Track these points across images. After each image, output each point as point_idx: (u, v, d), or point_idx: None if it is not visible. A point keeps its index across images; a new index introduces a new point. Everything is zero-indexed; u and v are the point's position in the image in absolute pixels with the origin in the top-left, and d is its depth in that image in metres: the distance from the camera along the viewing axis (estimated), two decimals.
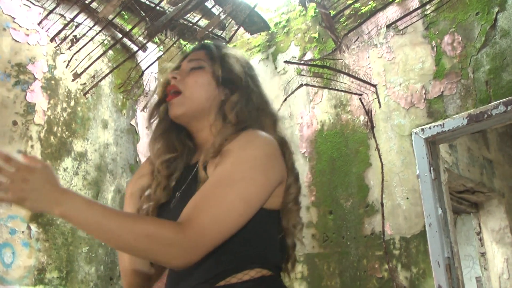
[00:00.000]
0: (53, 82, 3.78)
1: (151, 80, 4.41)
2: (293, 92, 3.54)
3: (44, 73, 3.73)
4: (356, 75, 3.75)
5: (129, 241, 1.22)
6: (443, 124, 3.50)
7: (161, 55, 4.24)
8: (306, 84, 3.48)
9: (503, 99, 3.26)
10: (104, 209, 1.25)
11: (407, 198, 3.60)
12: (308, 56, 4.35)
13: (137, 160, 4.22)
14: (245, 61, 1.64)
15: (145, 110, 4.21)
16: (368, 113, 3.58)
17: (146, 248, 1.23)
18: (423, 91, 3.67)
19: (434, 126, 3.55)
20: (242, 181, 1.31)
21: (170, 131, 1.60)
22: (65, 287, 3.49)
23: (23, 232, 3.35)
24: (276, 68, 4.61)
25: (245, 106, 1.51)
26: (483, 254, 5.20)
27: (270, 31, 4.75)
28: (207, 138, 1.54)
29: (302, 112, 4.29)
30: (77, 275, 3.58)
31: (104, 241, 1.31)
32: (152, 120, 1.64)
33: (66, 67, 3.84)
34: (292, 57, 4.38)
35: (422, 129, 3.59)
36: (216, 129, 1.51)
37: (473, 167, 4.79)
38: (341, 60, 3.94)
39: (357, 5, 4.04)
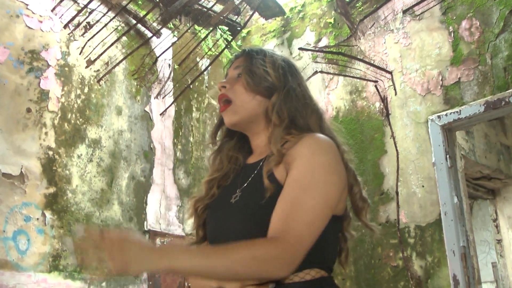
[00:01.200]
0: (66, 69, 3.77)
1: (165, 67, 4.39)
2: (308, 79, 3.50)
3: (58, 60, 3.72)
4: (372, 62, 3.70)
5: (237, 270, 1.28)
6: (460, 111, 3.45)
7: (176, 41, 4.21)
8: (321, 71, 3.44)
9: None
10: (202, 251, 1.35)
11: (423, 186, 3.56)
12: (324, 41, 4.30)
13: (151, 146, 4.22)
14: (282, 62, 1.64)
15: (159, 97, 4.20)
16: (383, 100, 3.54)
17: (253, 271, 1.29)
18: (440, 78, 3.61)
19: (450, 113, 3.49)
20: (323, 185, 1.37)
21: (224, 147, 1.69)
22: (80, 274, 3.51)
23: (37, 219, 3.36)
24: (291, 53, 4.56)
25: (284, 105, 1.54)
26: (499, 241, 5.15)
27: (285, 16, 4.70)
28: (262, 140, 1.60)
29: (317, 98, 4.23)
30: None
31: (215, 279, 1.36)
32: (216, 139, 1.72)
33: (80, 53, 3.83)
34: (307, 43, 4.33)
35: (439, 116, 3.54)
36: (267, 132, 1.58)
37: (490, 153, 4.73)
38: (357, 46, 3.89)
39: None
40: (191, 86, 4.30)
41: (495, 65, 3.37)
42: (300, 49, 3.79)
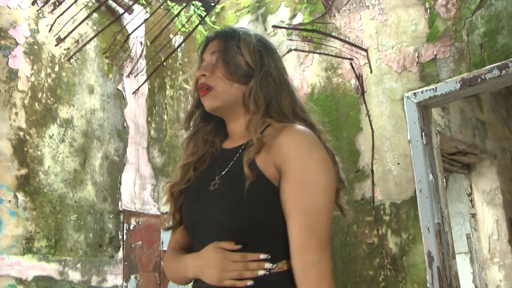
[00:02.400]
0: (36, 47, 3.67)
1: (137, 44, 4.30)
2: (282, 57, 3.44)
3: (26, 37, 3.62)
4: (347, 39, 3.65)
5: None
6: (436, 88, 3.44)
7: (148, 18, 4.12)
8: (296, 49, 3.39)
9: (498, 63, 3.19)
10: None
11: (398, 164, 3.56)
12: (299, 17, 4.24)
13: (125, 125, 4.15)
14: (258, 43, 1.62)
15: (130, 76, 4.12)
16: (358, 78, 3.51)
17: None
18: (416, 54, 3.59)
19: (426, 90, 3.48)
20: (327, 183, 1.40)
21: (200, 131, 1.68)
22: (54, 256, 3.47)
23: (9, 201, 3.30)
24: (266, 29, 4.50)
25: (260, 91, 1.55)
26: (473, 215, 5.21)
27: None
28: (241, 125, 1.61)
29: (292, 75, 4.20)
30: (66, 243, 3.55)
31: None
32: (189, 122, 1.71)
33: (49, 31, 3.73)
34: (280, 21, 4.27)
35: (414, 93, 3.53)
36: (245, 117, 1.59)
37: (466, 128, 4.75)
38: (332, 24, 3.84)
39: None
40: (164, 63, 4.22)
41: (472, 41, 3.35)
42: (274, 27, 3.72)
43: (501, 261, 4.97)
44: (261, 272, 1.36)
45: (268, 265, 1.36)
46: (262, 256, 1.37)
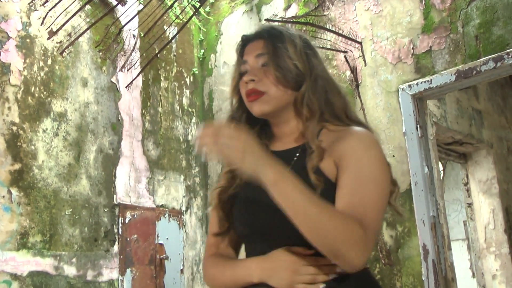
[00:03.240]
0: (28, 40, 3.63)
1: (130, 37, 4.26)
2: None
3: (19, 31, 3.59)
4: (341, 31, 3.62)
5: (327, 227, 1.23)
6: (431, 80, 3.42)
7: (142, 9, 4.08)
8: None
9: (493, 55, 3.17)
10: (308, 191, 1.27)
11: (393, 156, 3.55)
12: (293, 8, 4.20)
13: (119, 118, 4.13)
14: (303, 45, 1.58)
15: (123, 70, 4.08)
16: (353, 70, 3.48)
17: (339, 239, 1.23)
18: (411, 46, 3.56)
19: (421, 82, 3.46)
20: (381, 179, 1.37)
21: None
22: (49, 251, 3.46)
23: (3, 196, 3.29)
24: (260, 20, 4.46)
25: (313, 96, 1.52)
26: (470, 205, 5.21)
27: None
28: (291, 128, 1.57)
29: None
30: (61, 238, 3.54)
31: (300, 221, 1.27)
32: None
33: (41, 24, 3.69)
34: (273, 14, 4.23)
35: (409, 85, 3.51)
36: (296, 120, 1.56)
37: (462, 118, 4.73)
38: (325, 16, 3.81)
39: None
40: (158, 55, 4.19)
41: (467, 33, 3.32)
42: (267, 20, 3.69)
43: (497, 250, 4.98)
44: (332, 276, 1.34)
45: (339, 269, 1.33)
46: (322, 286, 1.33)
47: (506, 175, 5.24)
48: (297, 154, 1.49)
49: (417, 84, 3.47)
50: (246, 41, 1.62)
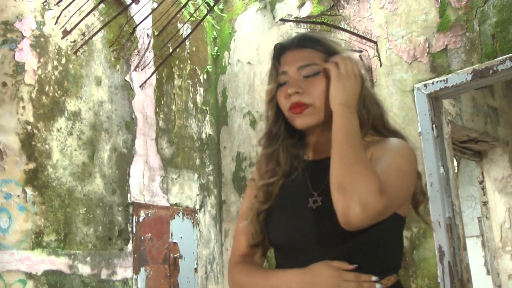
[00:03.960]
0: (42, 39, 3.64)
1: (144, 36, 4.26)
2: None
3: (33, 30, 3.59)
4: (356, 30, 3.59)
5: (354, 167, 1.28)
6: (447, 79, 3.38)
7: (156, 8, 4.07)
8: None
9: (510, 54, 3.13)
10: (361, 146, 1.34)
11: None
12: (307, 6, 4.17)
13: (133, 116, 4.13)
14: (350, 54, 1.56)
15: (137, 69, 4.08)
16: (368, 71, 3.45)
17: (362, 182, 1.25)
18: (426, 45, 3.52)
19: (437, 82, 3.42)
20: (408, 174, 1.37)
21: (281, 148, 1.59)
22: (64, 250, 3.48)
23: (18, 196, 3.30)
24: (274, 18, 4.44)
25: (363, 108, 1.49)
26: (485, 203, 5.16)
27: None
28: (328, 137, 1.49)
29: None
30: (75, 236, 3.56)
31: (340, 146, 1.34)
32: (269, 140, 1.61)
33: (55, 23, 3.69)
34: (288, 14, 4.20)
35: (425, 85, 3.47)
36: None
37: (477, 116, 4.68)
38: (340, 15, 3.78)
39: None
40: (172, 54, 4.18)
41: (483, 32, 3.28)
42: (281, 20, 3.67)
43: None
44: None
45: (379, 285, 1.32)
46: (374, 278, 1.33)
47: None
48: None
49: (432, 83, 3.44)
50: (282, 49, 1.57)
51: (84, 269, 3.55)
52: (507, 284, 4.99)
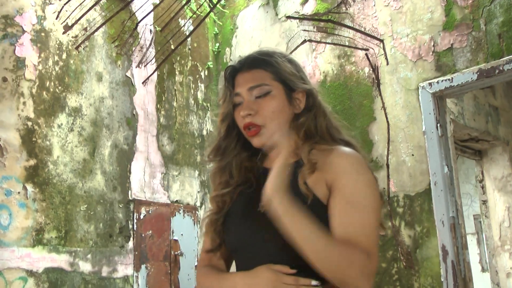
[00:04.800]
0: (43, 34, 3.59)
1: (147, 32, 4.21)
2: (296, 48, 3.37)
3: (33, 25, 3.55)
4: (362, 28, 3.57)
5: (331, 256, 1.30)
6: (452, 78, 3.36)
7: (158, 4, 4.02)
8: (310, 40, 3.32)
9: None
10: (314, 223, 1.33)
11: (412, 155, 3.50)
12: (311, 2, 4.14)
13: (134, 113, 4.09)
14: (293, 67, 1.62)
15: (140, 66, 4.04)
16: (374, 69, 3.43)
17: (344, 267, 1.30)
18: (432, 43, 3.50)
19: (442, 81, 3.41)
20: (374, 204, 1.41)
21: (233, 161, 1.65)
22: (64, 247, 3.44)
23: (19, 192, 3.26)
24: (277, 14, 4.41)
25: (312, 122, 1.56)
26: (484, 202, 5.16)
27: None
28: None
29: (304, 61, 4.13)
30: (76, 234, 3.52)
31: (306, 250, 1.33)
32: (218, 155, 1.68)
33: (56, 18, 3.64)
34: (295, 12, 4.17)
35: (430, 83, 3.45)
36: (291, 141, 1.55)
37: (479, 115, 4.68)
38: (346, 13, 3.75)
39: None
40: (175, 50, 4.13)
41: (489, 31, 3.26)
42: (288, 17, 3.64)
43: None
44: None
45: None
46: (314, 282, 1.37)
47: None
48: (287, 171, 1.49)
49: (437, 82, 3.42)
50: (234, 71, 1.63)
51: (85, 267, 3.52)
52: (506, 282, 5.00)
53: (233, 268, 1.63)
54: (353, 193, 1.39)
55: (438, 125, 3.40)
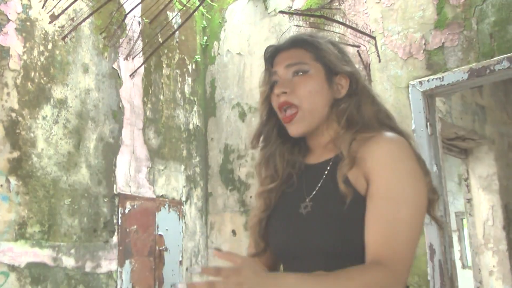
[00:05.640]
0: (28, 23, 3.52)
1: (135, 24, 4.14)
2: None
3: (18, 13, 3.46)
4: (354, 25, 3.54)
5: None
6: (443, 77, 3.35)
7: None
8: None
9: (508, 54, 3.10)
10: (314, 279, 1.18)
11: None
12: None
13: (120, 106, 4.02)
14: (343, 51, 1.53)
15: (128, 58, 3.98)
16: (366, 66, 3.40)
17: None
18: (423, 41, 3.49)
19: (433, 79, 3.39)
20: (415, 197, 1.28)
21: (277, 152, 1.55)
22: (48, 241, 3.38)
23: (1, 185, 3.19)
24: (266, 8, 4.36)
25: (355, 109, 1.44)
26: (469, 200, 5.18)
27: None
28: (324, 139, 1.50)
29: None
30: (59, 228, 3.46)
31: None
32: (261, 142, 1.58)
33: (42, 7, 3.57)
34: (288, 7, 4.12)
35: (420, 82, 3.44)
36: (332, 131, 1.48)
37: (466, 114, 4.69)
38: (339, 9, 3.72)
39: None
40: (161, 42, 4.08)
41: (481, 30, 3.25)
42: (281, 12, 3.59)
43: (495, 247, 4.97)
44: None
45: None
46: None
47: (506, 171, 5.22)
48: (328, 168, 1.42)
49: (428, 81, 3.40)
50: (274, 51, 1.55)
51: (68, 262, 3.46)
52: (488, 280, 5.03)
53: None
54: (388, 188, 1.28)
55: (428, 124, 3.39)
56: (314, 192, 1.41)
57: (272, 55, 1.55)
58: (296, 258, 1.40)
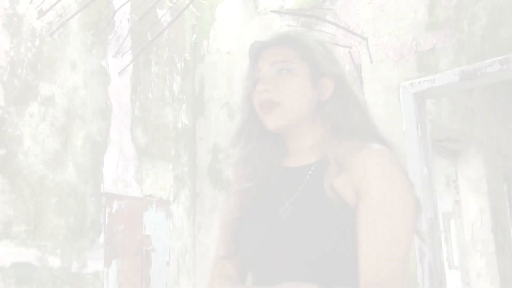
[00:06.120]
0: (15, 19, 3.46)
1: (124, 21, 4.09)
2: None
3: (5, 9, 3.41)
4: (347, 25, 3.52)
5: None
6: (434, 79, 3.33)
7: None
8: None
9: (499, 57, 3.09)
10: None
11: None
12: None
13: (108, 104, 3.97)
14: (325, 52, 1.46)
15: (117, 55, 3.93)
16: (357, 68, 3.39)
17: None
18: (414, 43, 3.47)
19: (424, 81, 3.38)
20: (407, 211, 1.26)
21: (256, 151, 1.49)
22: (33, 241, 3.33)
23: None
24: (256, 7, 4.33)
25: (341, 113, 1.41)
26: (457, 202, 5.19)
27: None
28: (305, 141, 1.44)
29: None
30: (45, 227, 3.41)
31: None
32: (241, 140, 1.51)
33: (30, 2, 3.51)
34: (280, 6, 4.08)
35: (411, 83, 3.42)
36: (317, 135, 1.43)
37: (455, 115, 4.69)
38: (331, 9, 3.70)
39: None
40: (150, 40, 4.04)
41: (473, 33, 3.24)
42: (273, 11, 3.57)
43: (483, 249, 4.98)
44: None
45: None
46: None
47: (495, 174, 5.23)
48: (310, 172, 1.38)
49: (419, 82, 3.39)
50: (259, 47, 1.49)
51: (54, 262, 3.42)
52: (476, 282, 5.04)
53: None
54: (382, 201, 1.25)
55: (419, 125, 3.38)
56: (295, 196, 1.37)
57: (257, 51, 1.49)
58: (270, 264, 1.35)
